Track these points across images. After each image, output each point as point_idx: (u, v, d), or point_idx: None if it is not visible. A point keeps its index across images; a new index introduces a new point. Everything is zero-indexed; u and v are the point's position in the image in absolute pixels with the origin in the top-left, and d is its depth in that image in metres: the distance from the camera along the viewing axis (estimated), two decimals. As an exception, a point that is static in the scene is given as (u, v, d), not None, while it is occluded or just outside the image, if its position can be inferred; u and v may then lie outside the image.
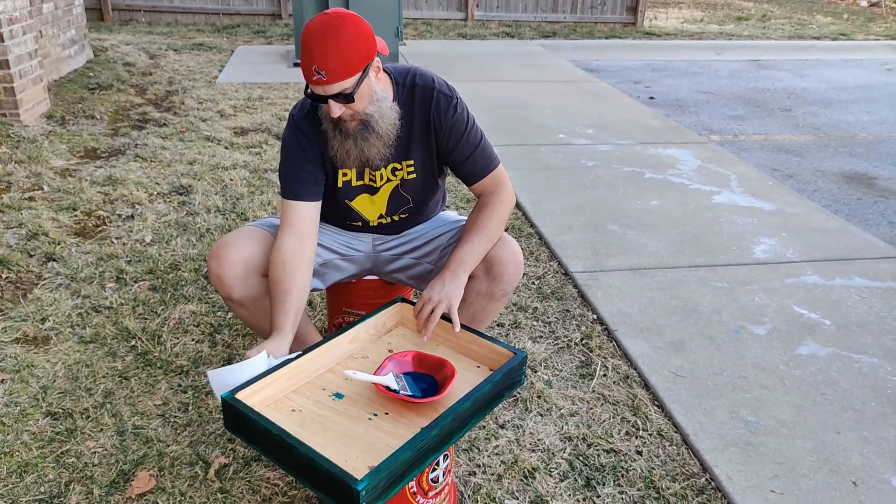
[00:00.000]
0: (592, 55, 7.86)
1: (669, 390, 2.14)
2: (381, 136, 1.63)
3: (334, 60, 1.47)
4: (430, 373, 1.52)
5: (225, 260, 1.66)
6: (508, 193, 1.77)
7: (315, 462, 1.21)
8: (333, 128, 1.63)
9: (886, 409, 2.09)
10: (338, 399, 1.46)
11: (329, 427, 1.38)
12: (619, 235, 3.18)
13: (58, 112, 4.61)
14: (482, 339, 1.58)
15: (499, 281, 1.72)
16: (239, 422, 1.34)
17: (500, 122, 4.89)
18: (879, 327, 2.52)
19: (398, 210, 1.83)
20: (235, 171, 3.76)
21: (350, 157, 1.65)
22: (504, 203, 1.75)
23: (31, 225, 2.99)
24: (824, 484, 1.80)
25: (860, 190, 4.00)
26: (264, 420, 1.29)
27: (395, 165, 1.74)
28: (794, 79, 6.96)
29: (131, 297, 2.52)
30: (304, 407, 1.43)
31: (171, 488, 1.70)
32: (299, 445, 1.23)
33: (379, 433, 1.37)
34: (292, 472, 1.28)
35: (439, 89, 1.70)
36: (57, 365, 2.13)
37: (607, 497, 1.74)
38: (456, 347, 1.63)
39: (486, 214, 1.71)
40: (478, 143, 1.74)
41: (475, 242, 1.67)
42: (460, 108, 1.72)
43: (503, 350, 1.55)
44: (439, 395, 1.41)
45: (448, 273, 1.63)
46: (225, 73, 6.05)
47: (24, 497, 1.65)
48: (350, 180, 1.76)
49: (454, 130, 1.71)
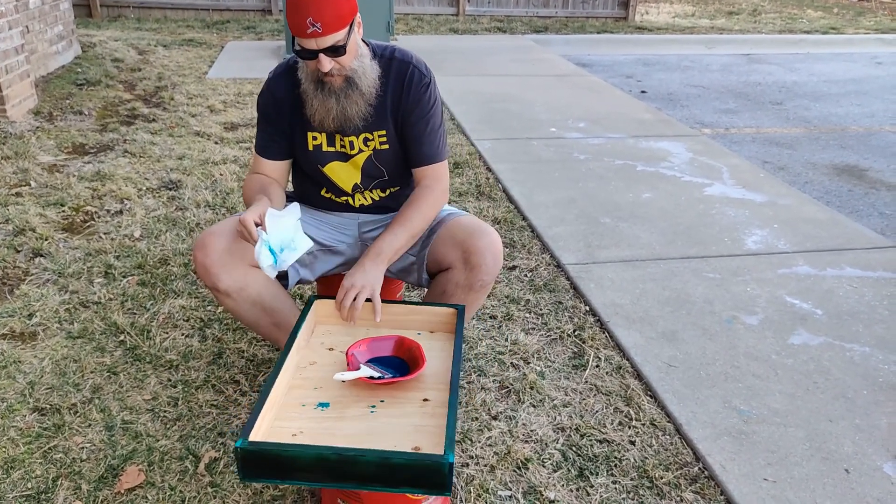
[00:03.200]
0: (584, 50, 7.85)
1: (662, 380, 2.14)
2: (363, 93, 1.66)
3: (329, 12, 1.51)
4: (390, 354, 1.57)
5: (210, 249, 1.64)
6: (442, 192, 1.80)
7: (392, 460, 1.20)
8: (316, 87, 1.65)
9: (878, 396, 2.10)
10: (325, 408, 1.42)
11: (345, 433, 1.35)
12: (612, 227, 3.17)
13: (45, 108, 4.56)
14: (418, 306, 1.65)
15: (477, 271, 1.71)
16: (270, 464, 1.23)
17: (492, 116, 4.87)
18: (871, 316, 2.52)
19: (374, 181, 1.84)
20: (225, 165, 3.73)
21: (329, 116, 1.67)
22: (435, 200, 1.77)
23: (17, 221, 2.96)
24: (817, 471, 1.80)
25: (851, 182, 4.01)
26: (312, 448, 1.22)
27: (366, 135, 1.76)
28: (785, 72, 6.97)
29: (120, 292, 2.49)
30: (303, 428, 1.36)
31: (160, 483, 1.68)
32: (366, 454, 1.21)
33: (393, 419, 1.39)
34: (358, 485, 1.23)
35: (416, 65, 1.74)
36: (44, 360, 2.10)
37: (601, 487, 1.74)
38: (392, 324, 1.68)
39: (414, 208, 1.74)
40: (433, 129, 1.77)
41: (397, 234, 1.70)
42: (431, 89, 1.75)
43: (445, 309, 1.65)
44: (422, 367, 1.47)
45: (368, 261, 1.66)
46: (215, 69, 6.01)
47: (10, 493, 1.63)
48: (321, 144, 1.78)
49: (418, 106, 1.73)
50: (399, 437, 1.34)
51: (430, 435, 1.36)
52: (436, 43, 7.80)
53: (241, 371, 2.11)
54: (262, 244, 1.51)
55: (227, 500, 1.64)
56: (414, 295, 2.58)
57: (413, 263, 1.86)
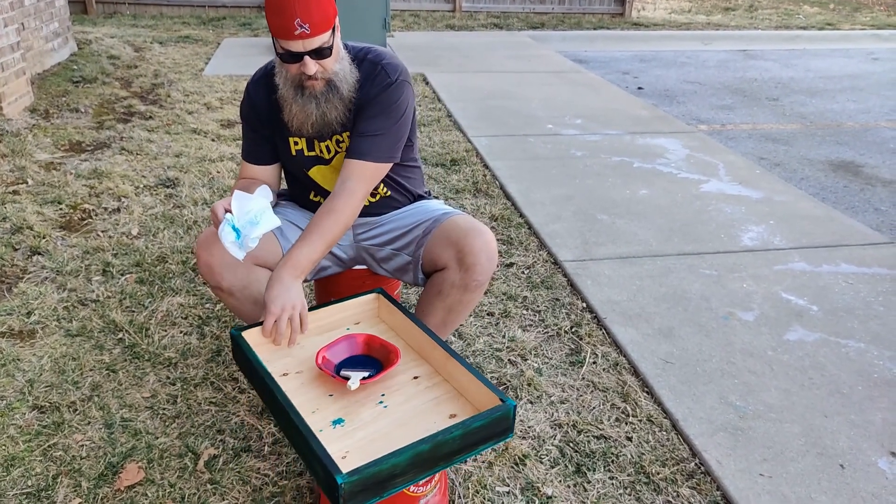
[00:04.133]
0: (580, 46, 7.85)
1: (659, 377, 2.15)
2: (343, 97, 1.64)
3: (317, 13, 1.49)
4: (348, 356, 1.61)
5: (214, 249, 1.65)
6: (358, 196, 1.65)
7: (472, 426, 1.27)
8: (295, 91, 1.62)
9: (873, 392, 2.11)
10: (342, 423, 1.40)
11: (386, 433, 1.36)
12: (608, 224, 3.18)
13: (41, 105, 4.55)
14: (337, 304, 1.69)
15: (471, 272, 1.70)
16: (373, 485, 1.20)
17: (489, 113, 4.88)
18: (866, 312, 2.53)
19: None
20: (223, 163, 3.73)
21: (308, 122, 1.65)
22: (354, 207, 1.65)
23: (15, 219, 2.96)
24: (812, 467, 1.82)
25: (847, 178, 4.02)
26: (406, 450, 1.22)
27: (338, 137, 1.74)
28: (781, 68, 6.98)
29: (118, 289, 2.50)
30: (343, 449, 1.33)
31: (160, 480, 1.69)
32: (452, 430, 1.26)
33: (408, 404, 1.45)
34: (445, 464, 1.28)
35: (385, 66, 1.69)
36: (43, 358, 2.11)
37: (598, 482, 1.75)
38: (319, 330, 1.69)
39: (331, 216, 1.61)
40: (382, 129, 1.67)
41: (314, 244, 1.58)
42: (394, 90, 1.68)
43: (365, 297, 1.71)
44: (398, 352, 1.54)
45: (286, 276, 1.55)
46: (211, 66, 6.00)
47: (10, 491, 1.64)
48: (302, 150, 1.77)
49: (372, 102, 1.67)
50: (429, 415, 1.40)
51: (451, 400, 1.46)
52: (432, 39, 7.79)
53: (239, 370, 2.11)
54: (225, 223, 1.50)
55: (226, 496, 1.65)
56: (411, 294, 2.59)
57: (409, 263, 1.87)
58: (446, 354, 1.51)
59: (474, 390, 1.43)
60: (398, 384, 1.51)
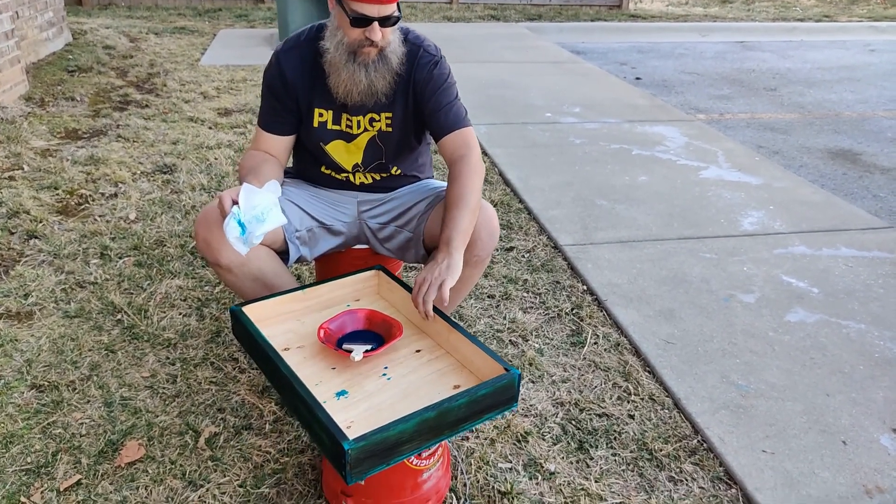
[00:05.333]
0: (578, 37, 7.84)
1: (660, 357, 2.15)
2: (391, 69, 1.66)
3: None
4: (350, 330, 1.61)
5: (213, 226, 1.63)
6: (477, 159, 1.73)
7: (478, 394, 1.28)
8: (349, 57, 1.63)
9: (874, 371, 2.11)
10: (346, 395, 1.39)
11: (391, 404, 1.36)
12: (608, 210, 3.18)
13: (37, 94, 4.52)
14: (338, 280, 1.68)
15: (472, 247, 1.70)
16: (379, 452, 1.21)
17: (488, 102, 4.86)
18: (866, 294, 2.53)
19: (374, 163, 1.83)
20: (220, 150, 3.71)
21: (356, 89, 1.65)
22: (474, 169, 1.70)
23: (11, 203, 2.93)
24: (814, 443, 1.82)
25: (845, 165, 4.02)
26: (412, 417, 1.22)
27: (373, 115, 1.75)
28: (779, 59, 6.98)
29: (116, 272, 2.48)
30: (348, 419, 1.33)
31: (160, 457, 1.68)
32: (457, 398, 1.27)
33: (410, 376, 1.45)
34: (450, 433, 1.29)
35: (425, 47, 1.75)
36: (41, 339, 2.09)
37: (601, 459, 1.74)
38: (320, 306, 1.68)
39: (461, 185, 1.66)
40: (451, 100, 1.75)
41: (458, 217, 1.62)
42: (441, 66, 1.75)
43: (364, 274, 1.71)
44: (399, 326, 1.54)
45: (440, 253, 1.58)
46: (207, 56, 5.97)
47: (10, 467, 1.63)
48: (326, 122, 1.76)
49: (431, 83, 1.73)
50: (433, 386, 1.41)
51: (454, 372, 1.46)
52: (429, 31, 7.77)
53: (239, 349, 2.10)
54: (231, 216, 1.48)
55: (227, 473, 1.64)
56: (413, 276, 2.58)
57: (410, 240, 1.86)
58: (449, 327, 1.50)
59: (478, 361, 1.43)
60: (401, 357, 1.51)
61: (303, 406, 1.27)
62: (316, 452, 1.72)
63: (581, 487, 1.65)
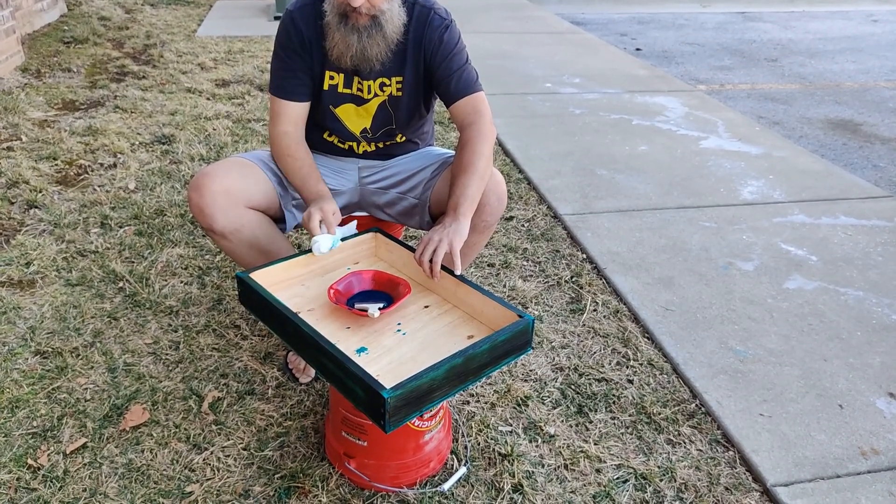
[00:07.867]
0: (578, 8, 7.76)
1: (659, 323, 2.16)
2: (386, 36, 1.63)
3: None
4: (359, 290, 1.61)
5: (205, 190, 1.63)
6: (488, 124, 1.72)
7: (499, 339, 1.34)
8: (339, 20, 1.61)
9: (872, 337, 2.13)
10: (366, 352, 1.41)
11: (412, 357, 1.39)
12: (608, 179, 3.17)
13: (33, 65, 4.49)
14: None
15: (481, 212, 1.69)
16: (414, 399, 1.24)
17: (487, 72, 4.82)
18: (865, 262, 2.54)
19: (383, 129, 1.82)
20: (218, 121, 3.69)
21: (348, 54, 1.63)
22: (485, 135, 1.70)
23: (10, 173, 2.93)
24: (811, 407, 1.84)
25: (846, 136, 4.01)
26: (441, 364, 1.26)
27: (383, 80, 1.73)
28: (780, 30, 6.92)
29: (117, 241, 2.48)
30: (378, 373, 1.35)
31: (164, 421, 1.70)
32: (480, 344, 1.31)
33: (425, 330, 1.47)
34: (474, 379, 1.34)
35: (436, 10, 1.71)
36: (44, 307, 2.10)
37: (600, 422, 1.77)
38: (321, 270, 1.68)
39: (470, 151, 1.66)
40: (462, 64, 1.73)
41: (466, 183, 1.62)
42: (452, 30, 1.72)
43: (363, 237, 1.73)
44: (408, 285, 1.55)
45: (447, 217, 1.59)
46: (204, 27, 5.91)
47: (16, 430, 1.65)
48: (337, 85, 1.74)
49: (441, 48, 1.70)
50: (448, 337, 1.45)
51: (465, 323, 1.49)
52: (428, 1, 7.68)
53: (241, 317, 2.11)
54: (331, 237, 1.63)
55: (231, 436, 1.66)
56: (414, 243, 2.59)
57: (415, 206, 1.86)
58: (456, 281, 1.52)
59: (489, 311, 1.45)
60: (411, 314, 1.53)
61: (332, 363, 1.30)
62: (318, 416, 1.74)
63: (580, 450, 1.68)
